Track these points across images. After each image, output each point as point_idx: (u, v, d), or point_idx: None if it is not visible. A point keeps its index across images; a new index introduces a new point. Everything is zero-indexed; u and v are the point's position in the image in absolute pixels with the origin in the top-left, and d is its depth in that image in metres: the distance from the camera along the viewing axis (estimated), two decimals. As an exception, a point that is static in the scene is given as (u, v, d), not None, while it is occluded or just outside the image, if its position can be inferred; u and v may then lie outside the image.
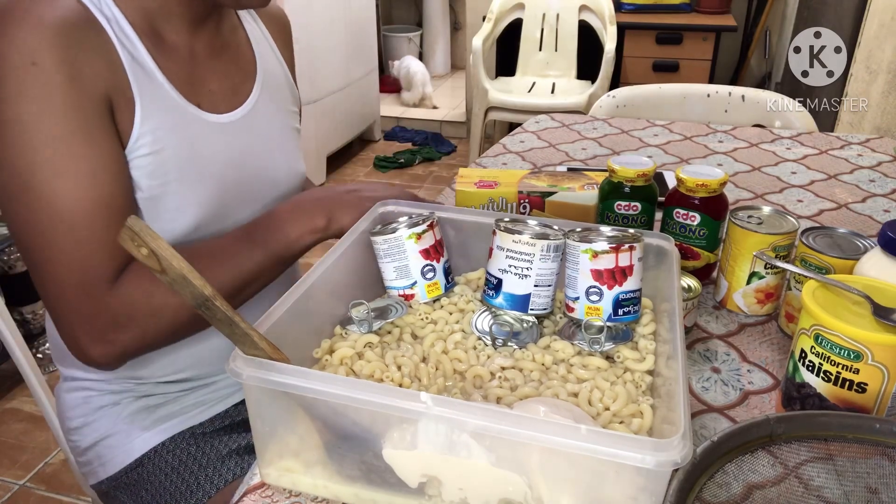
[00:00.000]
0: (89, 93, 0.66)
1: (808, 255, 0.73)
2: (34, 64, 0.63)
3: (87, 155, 0.66)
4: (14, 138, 0.64)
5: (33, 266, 0.68)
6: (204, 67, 0.79)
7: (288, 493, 0.57)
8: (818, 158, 1.29)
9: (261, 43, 0.89)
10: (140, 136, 0.71)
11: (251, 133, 0.83)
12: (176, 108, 0.74)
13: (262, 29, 0.90)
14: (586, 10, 3.09)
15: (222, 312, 0.49)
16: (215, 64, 0.81)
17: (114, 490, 0.86)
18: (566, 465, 0.49)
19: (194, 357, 0.84)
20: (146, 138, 0.71)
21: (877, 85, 2.07)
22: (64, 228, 0.66)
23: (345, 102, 3.34)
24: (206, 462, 0.83)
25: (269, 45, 0.90)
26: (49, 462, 1.72)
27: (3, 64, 0.63)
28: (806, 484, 0.53)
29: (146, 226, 0.47)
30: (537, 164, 1.27)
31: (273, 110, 0.87)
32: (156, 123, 0.72)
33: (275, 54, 0.91)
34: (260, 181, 0.84)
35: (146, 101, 0.71)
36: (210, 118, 0.78)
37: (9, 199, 0.66)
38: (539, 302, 0.67)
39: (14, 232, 0.68)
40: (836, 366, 0.56)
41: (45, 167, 0.65)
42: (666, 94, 1.63)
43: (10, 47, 0.63)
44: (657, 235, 0.71)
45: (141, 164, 0.71)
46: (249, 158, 0.82)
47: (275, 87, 0.88)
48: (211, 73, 0.80)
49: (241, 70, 0.84)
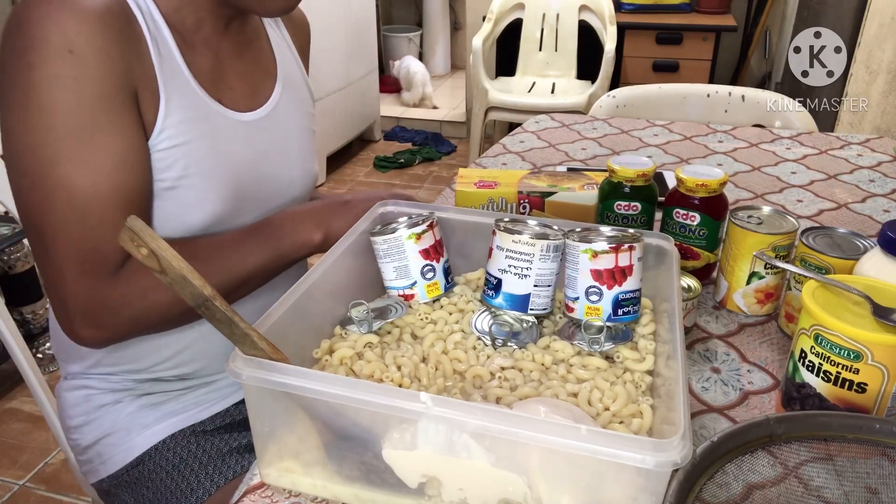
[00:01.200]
0: (120, 85, 0.67)
1: (808, 255, 0.73)
2: (71, 52, 0.64)
3: (110, 147, 0.67)
4: (41, 126, 0.64)
5: (39, 243, 0.69)
6: (227, 65, 0.80)
7: (288, 494, 0.57)
8: (818, 158, 1.29)
9: (281, 46, 0.90)
10: (164, 129, 0.71)
11: (270, 133, 0.84)
12: (200, 103, 0.75)
13: (283, 32, 0.91)
14: (586, 10, 3.09)
15: (222, 312, 0.49)
16: (238, 63, 0.82)
17: (115, 488, 0.86)
18: (566, 465, 0.49)
19: (195, 353, 0.84)
20: (169, 131, 0.72)
21: (877, 85, 2.07)
22: (77, 214, 0.67)
23: (345, 102, 3.34)
24: (206, 460, 0.83)
25: (288, 48, 0.91)
26: (49, 462, 1.72)
27: (43, 47, 0.63)
28: (806, 484, 0.53)
29: (146, 226, 0.47)
30: (537, 164, 1.27)
31: (292, 112, 0.88)
32: (180, 117, 0.72)
33: (294, 57, 0.92)
34: (277, 180, 0.85)
35: (171, 95, 0.72)
36: (232, 115, 0.79)
37: (27, 184, 0.67)
38: (539, 302, 0.67)
39: (25, 211, 0.69)
40: (835, 366, 0.56)
41: (68, 158, 0.65)
42: (666, 94, 1.63)
43: (51, 31, 0.63)
44: (657, 235, 0.71)
45: (163, 157, 0.72)
46: (268, 157, 0.83)
47: (294, 89, 0.89)
48: (233, 72, 0.81)
49: (262, 70, 0.85)
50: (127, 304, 0.71)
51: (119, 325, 0.72)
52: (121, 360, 0.83)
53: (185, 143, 0.73)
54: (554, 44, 3.20)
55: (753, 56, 3.40)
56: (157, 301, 0.71)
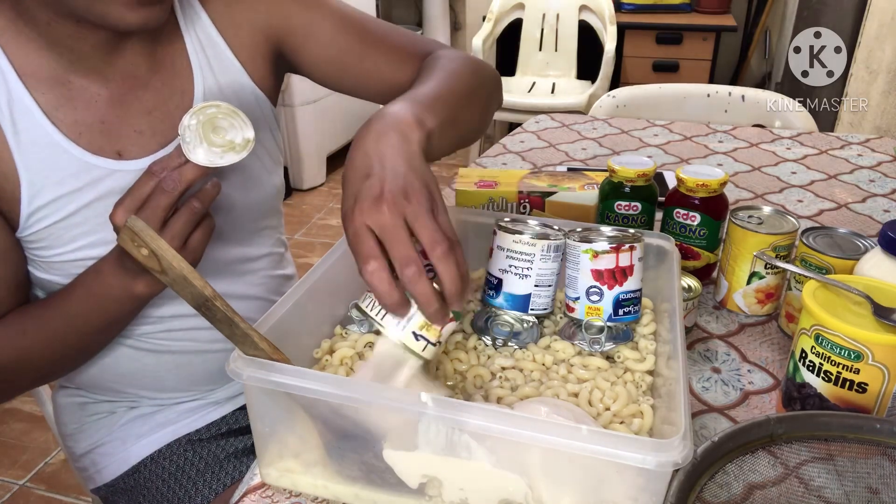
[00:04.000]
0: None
1: (808, 255, 0.73)
2: None
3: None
4: None
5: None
6: (127, 107, 0.69)
7: (288, 494, 0.57)
8: (818, 158, 1.29)
9: (201, 46, 0.73)
10: (32, 213, 0.65)
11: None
12: (81, 167, 0.66)
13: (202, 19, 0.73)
14: (586, 10, 3.09)
15: (222, 313, 0.49)
16: (142, 98, 0.69)
17: (112, 495, 0.86)
18: (567, 465, 0.49)
19: (186, 379, 0.83)
20: (41, 212, 0.66)
21: (877, 85, 2.07)
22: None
23: (345, 102, 3.33)
24: (203, 467, 0.82)
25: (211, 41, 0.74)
26: (49, 462, 1.71)
27: None
28: (806, 484, 0.53)
29: (146, 226, 0.47)
30: (537, 164, 1.27)
31: None
32: (52, 195, 0.65)
33: (220, 53, 0.74)
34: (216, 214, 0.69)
35: (36, 174, 0.64)
36: (133, 166, 0.68)
37: None
38: (539, 302, 0.67)
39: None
40: (836, 366, 0.56)
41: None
42: (666, 94, 1.63)
43: None
44: (657, 235, 0.71)
45: (44, 236, 0.67)
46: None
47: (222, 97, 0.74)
48: (137, 112, 0.69)
49: (178, 93, 0.72)
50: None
51: None
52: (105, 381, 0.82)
53: (71, 216, 0.67)
54: (554, 44, 3.19)
55: (753, 56, 3.40)
56: (28, 361, 0.68)
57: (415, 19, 4.64)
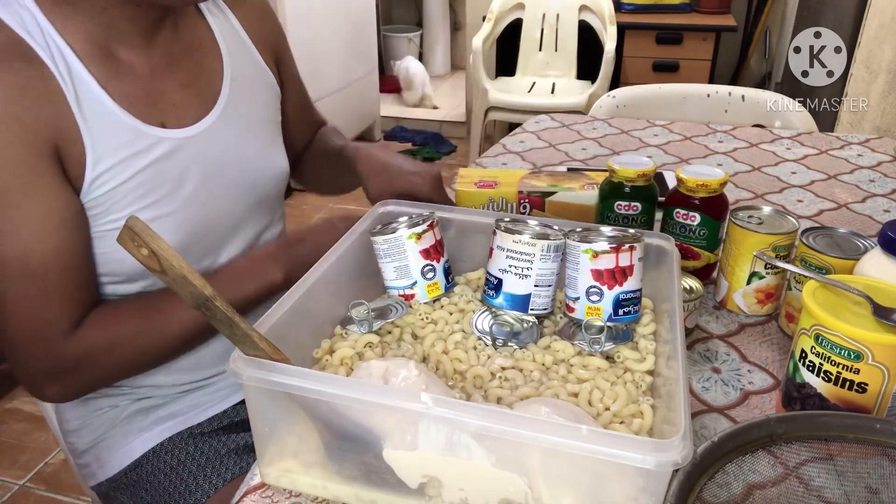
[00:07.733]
0: (35, 146, 0.64)
1: (808, 255, 0.73)
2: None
3: (35, 211, 0.64)
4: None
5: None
6: (165, 81, 0.75)
7: (288, 494, 0.57)
8: (818, 158, 1.29)
9: (228, 35, 0.83)
10: (95, 178, 0.68)
11: (222, 138, 0.79)
12: (135, 135, 0.71)
13: (228, 17, 0.84)
14: (586, 10, 3.09)
15: (222, 313, 0.49)
16: (177, 73, 0.76)
17: (113, 491, 0.86)
18: (567, 465, 0.49)
19: (192, 361, 0.84)
20: (103, 178, 0.69)
21: (877, 85, 2.07)
22: (16, 285, 0.66)
23: (345, 102, 3.33)
24: (204, 462, 0.83)
25: (237, 34, 0.84)
26: (49, 462, 1.72)
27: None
28: (806, 484, 0.53)
29: (146, 226, 0.47)
30: (537, 164, 1.27)
31: (245, 108, 0.83)
32: (112, 160, 0.69)
33: (246, 46, 0.85)
34: (237, 187, 0.81)
35: (98, 140, 0.68)
36: (176, 134, 0.74)
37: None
38: (539, 302, 0.67)
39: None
40: (836, 366, 0.56)
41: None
42: (666, 94, 1.63)
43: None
44: (657, 235, 0.71)
45: (101, 201, 0.69)
46: (222, 166, 0.79)
47: (246, 83, 0.83)
48: (174, 86, 0.76)
49: (207, 71, 0.80)
50: (92, 362, 0.70)
51: (86, 382, 0.73)
52: None
53: (126, 182, 0.70)
54: (554, 44, 3.19)
55: (753, 56, 3.40)
56: (123, 356, 0.72)
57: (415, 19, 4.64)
